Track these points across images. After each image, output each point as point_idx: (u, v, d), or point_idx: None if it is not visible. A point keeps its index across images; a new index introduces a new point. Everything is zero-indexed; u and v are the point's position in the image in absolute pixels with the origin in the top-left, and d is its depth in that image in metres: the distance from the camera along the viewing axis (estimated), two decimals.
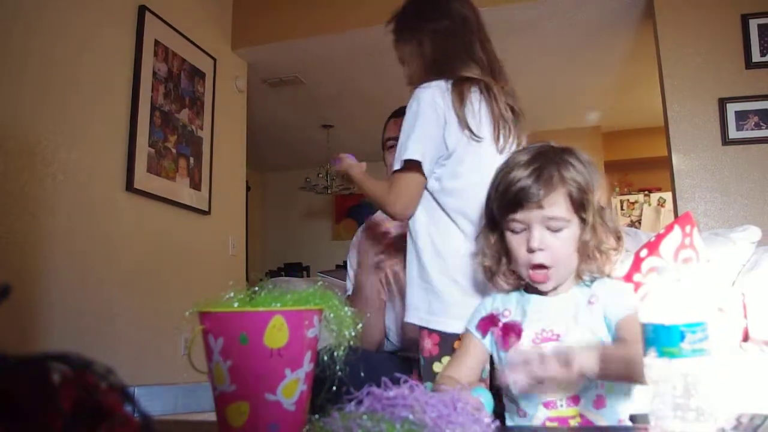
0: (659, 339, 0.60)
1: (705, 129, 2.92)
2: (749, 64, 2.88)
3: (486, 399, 0.92)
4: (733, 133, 2.87)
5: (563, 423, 0.91)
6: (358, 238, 1.61)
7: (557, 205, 0.94)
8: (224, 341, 0.65)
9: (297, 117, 5.12)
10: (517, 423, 0.96)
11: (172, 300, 2.83)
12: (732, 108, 2.88)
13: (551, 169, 0.95)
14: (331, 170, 1.48)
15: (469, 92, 1.21)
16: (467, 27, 1.28)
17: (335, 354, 0.73)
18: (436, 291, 1.18)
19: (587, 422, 0.91)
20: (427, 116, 1.19)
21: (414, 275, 1.22)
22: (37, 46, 2.31)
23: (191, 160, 3.23)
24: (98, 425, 0.38)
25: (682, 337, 0.59)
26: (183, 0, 3.29)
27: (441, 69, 1.23)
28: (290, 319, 0.66)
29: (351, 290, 1.58)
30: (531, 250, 0.95)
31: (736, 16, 2.91)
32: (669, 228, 2.36)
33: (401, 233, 1.44)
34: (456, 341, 1.11)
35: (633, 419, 0.95)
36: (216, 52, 3.51)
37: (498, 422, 0.70)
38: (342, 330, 0.73)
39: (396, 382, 0.71)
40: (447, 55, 1.25)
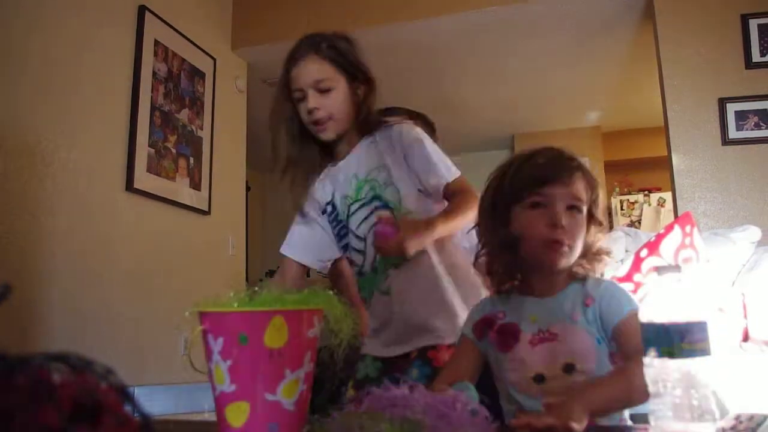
0: (659, 339, 0.60)
1: (705, 129, 2.92)
2: (749, 64, 2.88)
3: (468, 394, 0.92)
4: (733, 133, 2.87)
5: None
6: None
7: (579, 185, 0.95)
8: (224, 341, 0.65)
9: None
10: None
11: (172, 300, 2.83)
12: (732, 108, 2.88)
13: (567, 156, 0.98)
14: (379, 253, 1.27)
15: None
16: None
17: (335, 354, 0.73)
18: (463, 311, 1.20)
19: (591, 422, 0.91)
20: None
21: (448, 298, 1.23)
22: (37, 46, 2.31)
23: (191, 160, 3.23)
24: (98, 425, 0.38)
25: (682, 337, 0.59)
26: (183, 0, 3.29)
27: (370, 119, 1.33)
28: (290, 319, 0.66)
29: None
30: (553, 225, 0.92)
31: (736, 16, 2.91)
32: (669, 228, 2.36)
33: None
34: None
35: (633, 419, 0.96)
36: (216, 52, 3.51)
37: (498, 422, 0.70)
38: (342, 330, 0.73)
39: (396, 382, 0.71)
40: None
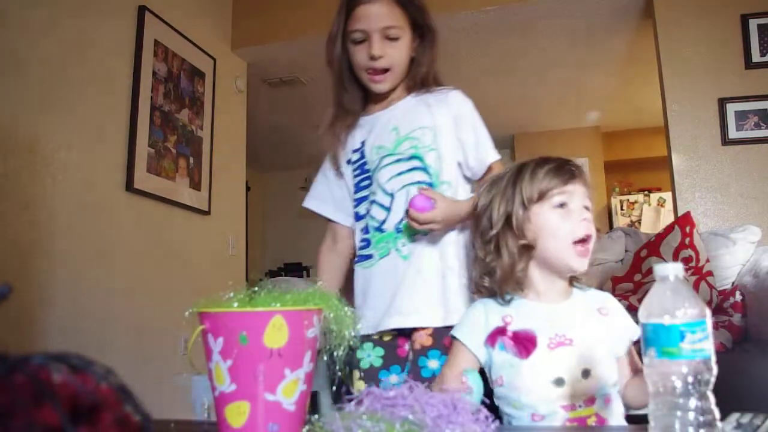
0: (659, 339, 0.60)
1: (705, 129, 2.92)
2: (749, 64, 2.88)
3: (476, 381, 0.93)
4: (733, 133, 2.87)
5: (582, 423, 0.93)
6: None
7: (587, 187, 1.00)
8: (224, 341, 0.65)
9: (297, 117, 5.12)
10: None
11: (172, 300, 2.83)
12: (732, 108, 2.88)
13: (574, 167, 1.01)
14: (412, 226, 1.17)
15: None
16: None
17: (335, 354, 0.74)
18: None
19: (601, 420, 0.94)
20: None
21: (463, 280, 1.19)
22: (37, 46, 2.31)
23: (191, 160, 3.23)
24: (97, 425, 0.38)
25: (682, 337, 0.59)
26: (183, 0, 3.29)
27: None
28: (290, 319, 0.66)
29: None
30: (580, 221, 0.97)
31: (736, 16, 2.92)
32: (669, 228, 2.36)
33: None
34: None
35: (632, 420, 0.96)
36: (216, 52, 3.51)
37: (498, 422, 0.70)
38: (342, 330, 0.73)
39: None
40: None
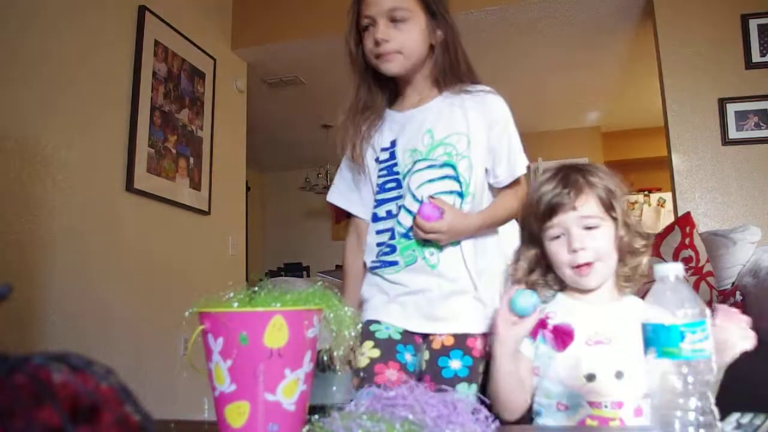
0: (659, 339, 0.60)
1: (705, 129, 2.92)
2: (749, 64, 2.88)
3: (531, 300, 0.97)
4: (733, 133, 2.87)
5: (603, 423, 0.94)
6: None
7: (588, 205, 1.01)
8: (224, 341, 0.65)
9: (297, 117, 5.12)
10: (553, 417, 0.99)
11: (172, 300, 2.83)
12: (732, 108, 2.88)
13: (576, 176, 1.03)
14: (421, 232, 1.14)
15: None
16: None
17: (335, 354, 0.73)
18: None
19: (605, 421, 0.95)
20: None
21: (491, 290, 1.17)
22: (37, 46, 2.31)
23: (191, 160, 3.23)
24: (97, 425, 0.38)
25: (682, 337, 0.59)
26: (183, 0, 3.29)
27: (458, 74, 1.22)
28: (290, 319, 0.66)
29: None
30: (573, 251, 1.00)
31: (736, 16, 2.91)
32: (669, 228, 2.37)
33: None
34: None
35: None
36: (216, 52, 3.51)
37: (498, 422, 0.70)
38: (342, 330, 0.73)
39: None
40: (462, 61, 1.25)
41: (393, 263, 1.18)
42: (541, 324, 1.02)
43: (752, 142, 2.86)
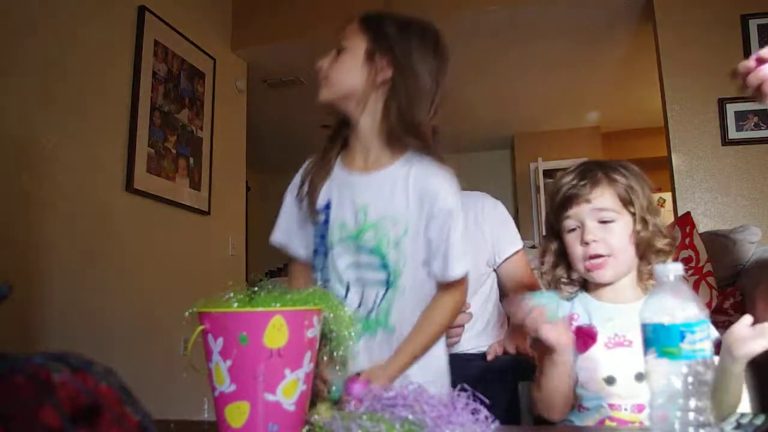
0: (659, 339, 0.60)
1: (705, 129, 2.92)
2: None
3: (551, 301, 0.97)
4: (733, 133, 2.87)
5: (621, 424, 0.94)
6: None
7: (604, 198, 1.01)
8: (224, 341, 0.65)
9: (297, 117, 5.11)
10: (573, 418, 1.00)
11: (172, 300, 2.83)
12: (732, 108, 2.88)
13: (595, 170, 1.03)
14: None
15: None
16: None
17: (335, 354, 0.73)
18: None
19: (601, 422, 0.96)
20: None
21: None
22: (37, 46, 2.31)
23: (191, 161, 3.23)
24: (97, 425, 0.38)
25: (682, 337, 0.59)
26: (183, 0, 3.29)
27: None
28: (290, 319, 0.66)
29: None
30: (586, 243, 1.00)
31: (736, 16, 2.91)
32: (669, 228, 2.36)
33: None
34: None
35: None
36: (216, 53, 3.51)
37: (498, 422, 0.70)
38: (341, 330, 0.74)
39: None
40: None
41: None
42: None
43: (752, 143, 2.86)
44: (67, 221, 2.40)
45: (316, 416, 0.64)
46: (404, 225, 1.00)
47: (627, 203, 1.01)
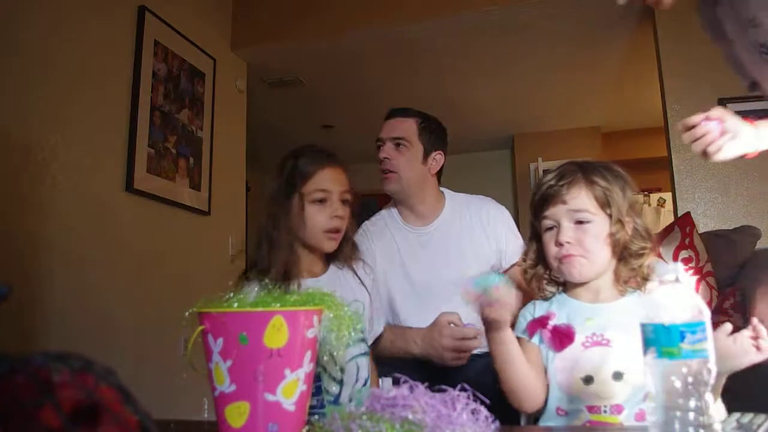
0: (659, 339, 0.60)
1: None
2: None
3: (492, 281, 0.94)
4: None
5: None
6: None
7: (580, 199, 1.02)
8: (224, 341, 0.65)
9: (297, 117, 5.12)
10: (552, 422, 1.00)
11: (172, 300, 2.83)
12: (732, 108, 2.86)
13: (574, 171, 1.04)
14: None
15: None
16: None
17: (335, 354, 0.73)
18: None
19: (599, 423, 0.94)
20: None
21: None
22: (37, 46, 2.31)
23: (191, 161, 3.23)
24: (97, 425, 0.38)
25: (682, 337, 0.59)
26: (183, 0, 3.29)
27: None
28: (290, 319, 0.66)
29: None
30: (560, 243, 1.01)
31: None
32: (669, 228, 2.36)
33: None
34: None
35: None
36: (216, 52, 3.51)
37: (498, 422, 0.70)
38: (342, 330, 0.73)
39: (396, 382, 0.71)
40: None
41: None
42: (541, 323, 1.01)
43: None
44: (67, 221, 2.40)
45: None
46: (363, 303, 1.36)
47: (604, 205, 1.02)
